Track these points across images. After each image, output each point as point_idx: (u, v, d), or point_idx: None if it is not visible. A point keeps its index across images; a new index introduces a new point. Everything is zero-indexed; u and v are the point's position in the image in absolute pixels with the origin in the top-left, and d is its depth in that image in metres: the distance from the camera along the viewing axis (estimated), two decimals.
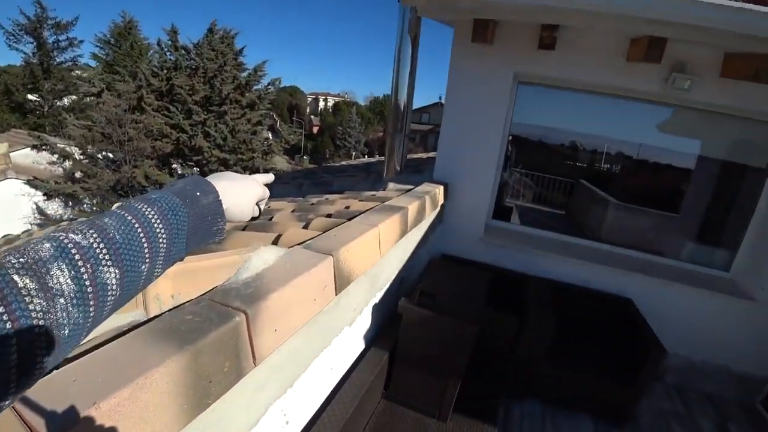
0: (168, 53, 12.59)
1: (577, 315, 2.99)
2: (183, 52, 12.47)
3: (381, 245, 1.67)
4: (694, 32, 2.14)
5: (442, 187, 2.90)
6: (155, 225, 0.50)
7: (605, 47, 2.65)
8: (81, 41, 19.73)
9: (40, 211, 9.70)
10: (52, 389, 0.58)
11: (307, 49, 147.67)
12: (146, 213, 0.50)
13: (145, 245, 0.48)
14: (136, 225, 0.48)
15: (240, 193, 0.69)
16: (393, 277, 2.19)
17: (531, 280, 3.05)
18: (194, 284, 1.01)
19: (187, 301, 0.94)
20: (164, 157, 11.70)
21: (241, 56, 13.17)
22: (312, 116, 46.91)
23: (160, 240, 0.50)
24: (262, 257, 1.15)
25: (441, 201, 2.93)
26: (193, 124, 11.75)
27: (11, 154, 9.67)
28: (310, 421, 1.45)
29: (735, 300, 2.89)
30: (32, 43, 18.65)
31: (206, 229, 0.60)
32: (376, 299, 1.99)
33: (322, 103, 51.91)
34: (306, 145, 36.52)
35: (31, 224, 9.19)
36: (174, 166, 12.34)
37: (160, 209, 0.51)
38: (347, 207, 2.21)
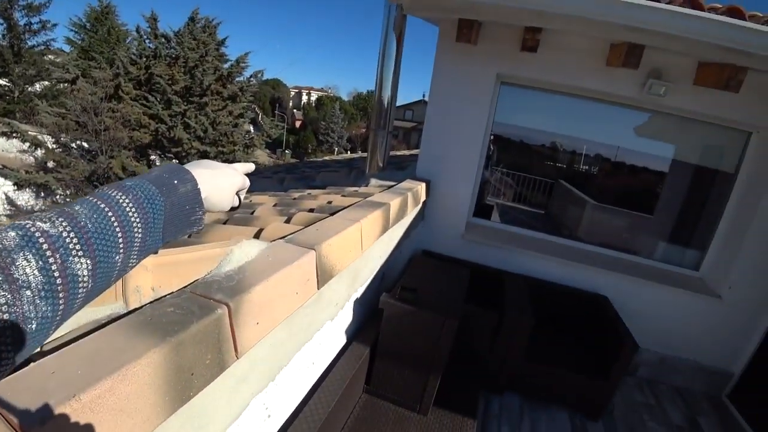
0: (147, 41, 12.24)
1: (555, 311, 3.07)
2: (163, 40, 12.14)
3: (363, 240, 1.68)
4: (670, 41, 2.22)
5: (424, 185, 2.92)
6: (130, 213, 0.48)
7: (586, 52, 2.72)
8: (55, 24, 18.71)
9: (10, 201, 9.32)
10: (29, 382, 0.57)
11: (291, 42, 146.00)
12: (120, 201, 0.48)
13: (119, 235, 0.46)
14: (110, 213, 0.45)
15: (219, 181, 0.67)
16: (375, 272, 2.20)
17: (510, 276, 3.11)
18: (175, 277, 1.00)
19: (167, 294, 0.93)
20: (142, 148, 11.40)
21: (224, 47, 12.92)
22: (295, 110, 46.43)
23: (135, 229, 0.48)
24: (244, 250, 1.15)
25: (423, 198, 2.95)
26: (172, 115, 11.47)
27: None
28: (291, 415, 1.46)
29: (703, 298, 3.02)
30: (2, 24, 17.68)
31: (184, 219, 0.58)
32: (358, 294, 2.00)
33: (305, 97, 51.40)
34: (288, 139, 36.13)
35: (0, 215, 8.84)
36: (152, 157, 12.03)
37: (135, 197, 0.49)
38: (330, 202, 2.21)
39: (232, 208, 0.76)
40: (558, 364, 2.69)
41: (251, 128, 15.61)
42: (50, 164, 9.85)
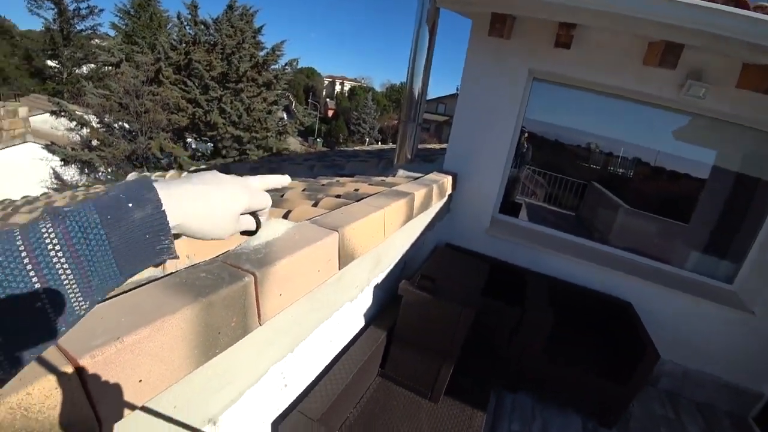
0: (187, 27, 12.59)
1: (576, 313, 3.03)
2: (202, 26, 12.46)
3: (386, 227, 1.73)
4: (711, 41, 2.12)
5: (450, 177, 2.93)
6: (51, 252, 0.40)
7: (621, 49, 2.63)
8: (101, 10, 19.71)
9: (57, 176, 9.88)
10: (82, 324, 0.65)
11: (327, 32, 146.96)
12: (44, 234, 0.40)
13: (33, 276, 0.38)
14: (22, 248, 0.38)
15: (210, 202, 0.54)
16: (396, 259, 2.24)
17: (532, 275, 3.09)
18: (208, 247, 1.07)
19: (201, 262, 1.00)
20: (179, 131, 11.79)
21: (260, 35, 13.13)
22: (328, 99, 46.82)
23: (58, 267, 0.40)
24: (272, 228, 1.21)
25: (449, 191, 2.96)
26: (209, 100, 11.81)
27: (30, 118, 9.82)
28: (307, 387, 1.53)
29: (735, 312, 2.90)
30: (53, 9, 18.70)
31: (144, 249, 0.48)
32: (379, 280, 2.05)
33: (338, 87, 51.75)
34: (320, 127, 36.47)
35: (47, 188, 9.38)
36: (188, 140, 12.45)
37: (65, 230, 0.41)
38: (356, 190, 2.27)
39: (248, 232, 0.64)
40: (575, 367, 2.66)
41: (284, 115, 15.83)
42: (94, 143, 10.36)
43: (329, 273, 1.28)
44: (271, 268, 0.99)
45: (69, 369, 0.57)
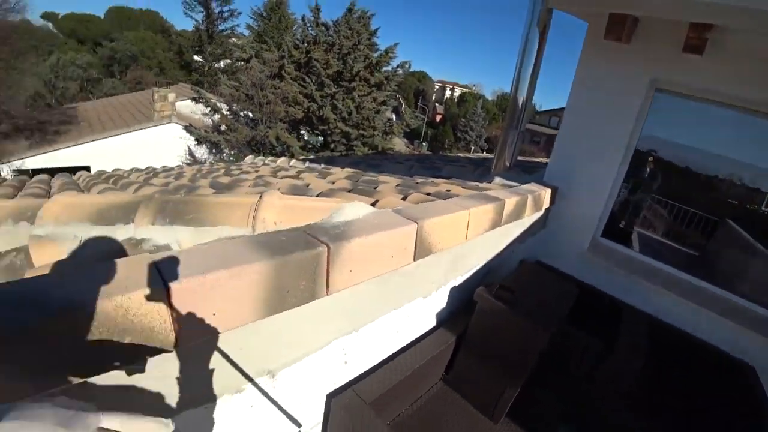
0: (310, 28, 13.63)
1: (677, 365, 2.63)
2: (323, 28, 13.39)
3: (469, 229, 1.68)
4: None
5: (549, 191, 2.74)
6: None
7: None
8: (240, 13, 23.30)
9: (191, 153, 11.49)
10: (180, 259, 0.77)
11: (441, 36, 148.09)
12: None
13: None
14: None
15: None
16: (479, 265, 2.17)
17: (630, 310, 2.75)
18: (294, 218, 1.16)
19: (285, 229, 1.08)
20: (294, 123, 12.82)
21: (375, 37, 13.69)
22: (437, 104, 47.10)
23: None
24: (355, 209, 1.26)
25: (546, 204, 2.77)
26: (323, 96, 12.66)
27: (176, 103, 11.65)
28: (366, 371, 1.55)
29: None
30: (202, 12, 22.39)
31: None
32: (457, 282, 2.00)
33: (448, 92, 51.82)
34: (426, 131, 36.76)
35: (182, 162, 10.96)
36: (302, 132, 13.50)
37: None
38: (448, 191, 2.25)
39: None
40: (667, 427, 2.29)
41: (393, 116, 16.30)
42: (222, 127, 11.80)
43: (403, 261, 1.28)
44: (345, 243, 1.02)
45: (160, 287, 0.69)
